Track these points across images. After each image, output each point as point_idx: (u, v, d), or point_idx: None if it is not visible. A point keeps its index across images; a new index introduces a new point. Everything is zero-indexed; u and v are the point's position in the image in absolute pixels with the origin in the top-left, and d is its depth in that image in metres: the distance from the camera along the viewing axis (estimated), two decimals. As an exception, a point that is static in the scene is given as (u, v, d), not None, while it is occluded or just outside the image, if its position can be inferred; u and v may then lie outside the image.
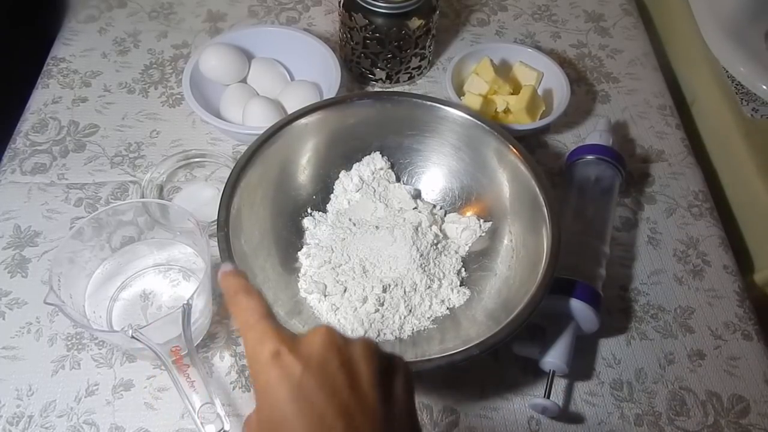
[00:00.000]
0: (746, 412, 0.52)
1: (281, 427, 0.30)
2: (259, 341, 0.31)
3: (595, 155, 0.61)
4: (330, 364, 0.30)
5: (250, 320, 0.32)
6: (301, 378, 0.30)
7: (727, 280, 0.59)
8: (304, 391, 0.30)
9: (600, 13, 0.82)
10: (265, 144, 0.53)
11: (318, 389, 0.30)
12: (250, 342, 0.31)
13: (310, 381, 0.30)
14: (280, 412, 0.30)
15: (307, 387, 0.30)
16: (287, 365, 0.30)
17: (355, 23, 0.66)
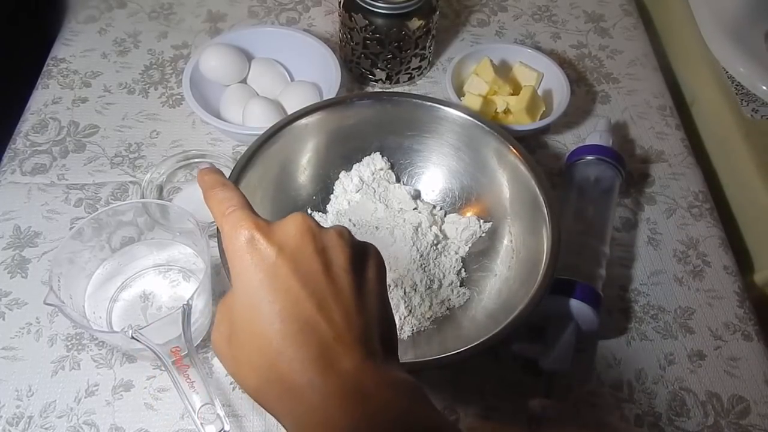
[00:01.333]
0: (746, 412, 0.52)
1: (255, 311, 0.30)
2: (234, 228, 0.31)
3: (595, 156, 0.61)
4: (304, 250, 0.31)
5: (226, 210, 0.33)
6: (275, 263, 0.30)
7: (727, 281, 0.59)
8: (279, 275, 0.30)
9: (600, 13, 0.82)
10: (265, 144, 0.53)
11: (292, 274, 0.30)
12: (226, 230, 0.32)
13: (285, 266, 0.30)
14: (254, 296, 0.30)
15: (282, 272, 0.30)
16: (262, 251, 0.30)
17: (355, 24, 0.66)
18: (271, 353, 0.30)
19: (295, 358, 0.29)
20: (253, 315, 0.30)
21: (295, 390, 0.29)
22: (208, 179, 0.36)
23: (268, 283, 0.30)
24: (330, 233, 0.32)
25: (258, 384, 0.30)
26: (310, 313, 0.30)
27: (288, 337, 0.29)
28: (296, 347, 0.29)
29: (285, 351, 0.29)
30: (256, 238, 0.31)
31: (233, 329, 0.31)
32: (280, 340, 0.29)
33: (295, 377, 0.29)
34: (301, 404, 0.29)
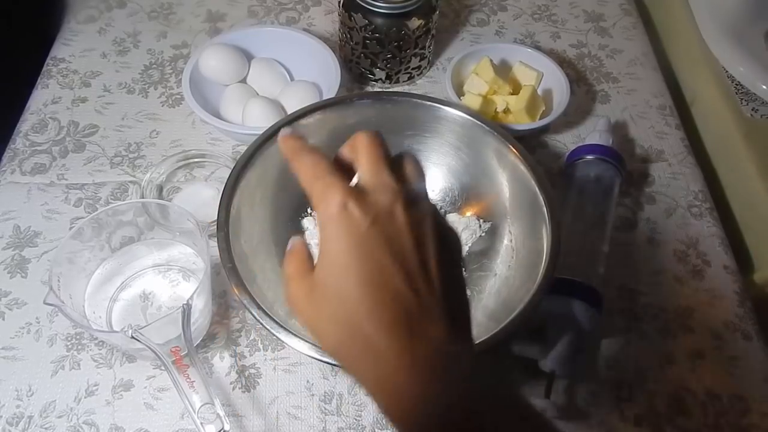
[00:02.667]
0: (746, 412, 0.52)
1: (344, 273, 0.31)
2: (325, 193, 0.31)
3: (595, 155, 0.61)
4: (396, 223, 0.31)
5: (317, 173, 0.32)
6: (368, 232, 0.31)
7: (727, 280, 0.59)
8: (370, 245, 0.31)
9: (600, 13, 0.82)
10: (265, 144, 0.53)
11: (383, 245, 0.31)
12: (317, 194, 0.32)
13: (377, 237, 0.31)
14: (344, 260, 0.31)
15: (374, 242, 0.31)
16: (355, 217, 0.31)
17: (354, 23, 0.66)
18: (358, 313, 0.30)
19: (382, 322, 0.30)
20: (341, 277, 0.31)
21: (379, 352, 0.30)
22: (292, 144, 0.35)
23: (359, 250, 0.31)
24: (422, 208, 0.33)
25: (340, 340, 0.31)
26: (399, 284, 0.31)
27: (376, 302, 0.30)
28: (384, 311, 0.30)
29: (373, 314, 0.30)
30: (350, 206, 0.31)
31: (315, 285, 0.32)
32: (368, 303, 0.30)
33: (381, 340, 0.30)
34: (383, 366, 0.30)
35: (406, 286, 0.31)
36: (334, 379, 0.52)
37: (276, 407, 0.51)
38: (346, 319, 0.31)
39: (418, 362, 0.30)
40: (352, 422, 0.51)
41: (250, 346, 0.54)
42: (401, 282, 0.31)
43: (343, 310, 0.31)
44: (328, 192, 0.31)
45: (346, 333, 0.31)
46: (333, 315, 0.31)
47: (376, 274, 0.31)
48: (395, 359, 0.30)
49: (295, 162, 0.34)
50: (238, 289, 0.46)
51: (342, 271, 0.31)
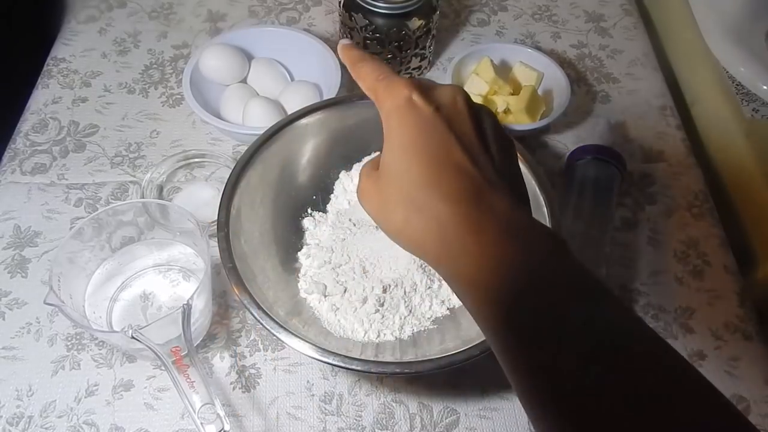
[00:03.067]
0: (747, 412, 0.52)
1: (410, 156, 0.32)
2: (390, 88, 0.33)
3: (596, 155, 0.61)
4: (460, 111, 0.33)
5: (380, 76, 0.34)
6: (433, 117, 0.32)
7: (728, 281, 0.59)
8: (436, 128, 0.32)
9: (600, 13, 0.82)
10: (265, 144, 0.53)
11: (447, 128, 0.32)
12: (382, 93, 0.34)
13: (441, 122, 0.32)
14: (405, 143, 0.32)
15: (438, 126, 0.32)
16: (420, 107, 0.32)
17: (355, 23, 0.66)
18: (423, 185, 0.32)
19: (448, 191, 0.31)
20: (405, 157, 0.32)
21: (446, 219, 0.31)
22: (353, 53, 0.37)
23: (426, 136, 0.32)
24: (481, 106, 0.35)
25: (405, 215, 0.32)
26: (463, 160, 0.32)
27: (442, 176, 0.31)
28: (450, 182, 0.31)
29: (439, 185, 0.31)
30: (415, 97, 0.32)
31: (382, 174, 0.33)
32: (435, 176, 0.31)
33: (446, 209, 0.31)
34: (451, 233, 0.31)
35: (469, 161, 0.32)
36: (335, 380, 0.53)
37: (276, 407, 0.51)
38: (411, 196, 0.32)
39: (491, 229, 0.30)
40: (353, 422, 0.51)
41: (251, 346, 0.54)
42: (464, 158, 0.32)
43: (408, 188, 0.32)
44: (393, 87, 0.33)
45: (413, 205, 0.32)
46: (399, 192, 0.32)
47: (442, 152, 0.32)
48: (462, 227, 0.31)
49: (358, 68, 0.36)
50: (239, 289, 0.46)
51: (405, 153, 0.32)
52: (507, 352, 0.30)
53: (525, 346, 0.29)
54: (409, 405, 0.52)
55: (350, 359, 0.44)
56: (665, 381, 0.27)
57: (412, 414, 0.51)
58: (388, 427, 0.50)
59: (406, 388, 0.52)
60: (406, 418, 0.51)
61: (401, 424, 0.51)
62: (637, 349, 0.28)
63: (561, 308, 0.29)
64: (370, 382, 0.52)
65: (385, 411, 0.51)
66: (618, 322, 0.29)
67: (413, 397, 0.52)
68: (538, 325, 0.29)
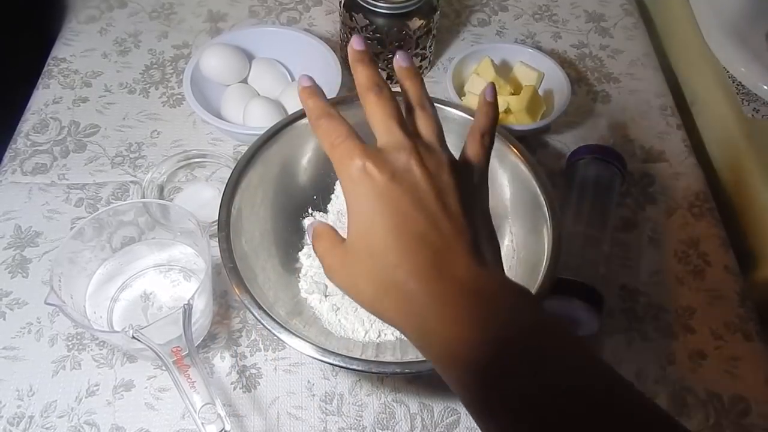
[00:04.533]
0: (747, 412, 0.52)
1: (370, 230, 0.33)
2: (346, 158, 0.33)
3: (596, 155, 0.61)
4: (414, 174, 0.33)
5: (335, 141, 0.34)
6: (388, 186, 0.33)
7: (728, 281, 0.59)
8: (392, 198, 0.33)
9: (600, 13, 0.82)
10: (266, 144, 0.53)
11: (403, 195, 0.33)
12: (338, 160, 0.34)
13: (396, 189, 0.33)
14: (369, 217, 0.33)
15: (394, 194, 0.33)
16: (375, 177, 0.33)
17: (355, 23, 0.66)
18: (387, 265, 0.32)
19: (411, 267, 0.32)
20: (368, 234, 0.33)
21: (412, 297, 0.32)
22: (312, 106, 0.36)
23: (382, 205, 0.33)
24: (438, 158, 0.35)
25: (375, 294, 0.33)
26: (422, 227, 0.32)
27: (402, 250, 0.32)
28: (411, 257, 0.32)
29: (401, 262, 0.32)
30: (368, 167, 0.33)
31: (347, 249, 0.34)
32: (396, 252, 0.32)
33: (412, 285, 0.32)
34: (419, 310, 0.32)
35: (429, 228, 0.32)
36: (335, 380, 0.53)
37: (277, 407, 0.51)
38: (378, 273, 0.33)
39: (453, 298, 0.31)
40: (353, 422, 0.51)
41: (251, 346, 0.54)
42: (425, 226, 0.32)
43: (374, 264, 0.33)
44: (347, 157, 0.33)
45: (381, 286, 0.33)
46: (366, 271, 0.33)
47: (401, 222, 0.32)
48: (430, 300, 0.31)
49: (315, 127, 0.36)
50: (239, 289, 0.46)
51: (368, 228, 0.33)
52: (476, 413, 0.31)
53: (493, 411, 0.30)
54: (409, 405, 0.52)
55: (351, 359, 0.43)
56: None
57: (412, 414, 0.51)
58: (389, 427, 0.50)
59: (406, 387, 0.52)
60: (406, 418, 0.51)
61: (402, 424, 0.51)
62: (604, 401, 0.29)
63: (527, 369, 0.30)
64: (371, 382, 0.52)
65: (386, 411, 0.51)
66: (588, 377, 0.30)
67: (414, 397, 0.52)
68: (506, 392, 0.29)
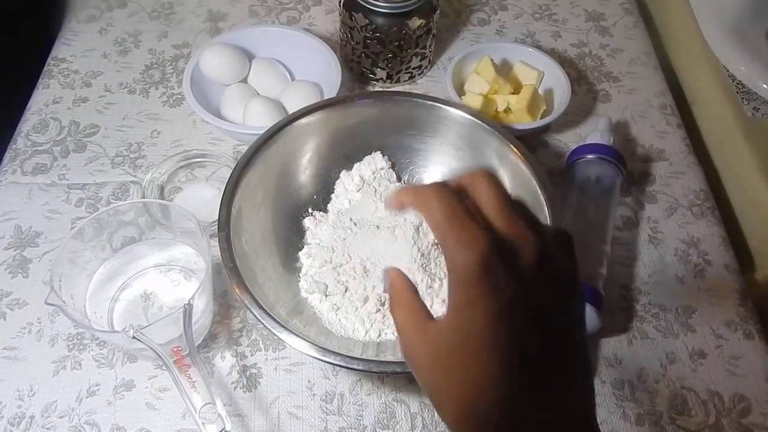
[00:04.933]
0: (748, 411, 0.52)
1: (478, 350, 0.28)
2: (466, 239, 0.28)
3: (596, 155, 0.61)
4: (542, 289, 0.28)
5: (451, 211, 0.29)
6: (512, 301, 0.27)
7: (729, 279, 0.59)
8: (514, 316, 0.27)
9: (600, 12, 0.82)
10: (266, 144, 0.53)
11: (525, 317, 0.28)
12: (453, 237, 0.28)
13: (521, 305, 0.27)
14: (479, 332, 0.27)
15: (517, 312, 0.27)
16: (500, 279, 0.27)
17: (355, 23, 0.66)
18: (487, 398, 0.28)
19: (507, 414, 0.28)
20: (478, 351, 0.28)
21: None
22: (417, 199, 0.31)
23: (502, 327, 0.27)
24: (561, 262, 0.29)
25: (461, 417, 0.28)
26: (540, 373, 0.28)
27: (507, 391, 0.28)
28: (516, 388, 0.28)
29: (501, 402, 0.27)
30: (494, 264, 0.27)
31: (442, 347, 0.29)
32: (501, 389, 0.28)
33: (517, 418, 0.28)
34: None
35: (548, 374, 0.28)
36: (336, 379, 0.53)
37: (277, 407, 0.51)
38: (471, 400, 0.28)
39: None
40: (354, 422, 0.51)
41: (252, 345, 0.54)
42: (544, 370, 0.28)
43: (472, 389, 0.28)
44: (470, 238, 0.27)
45: (470, 413, 0.28)
46: (459, 390, 0.28)
47: (519, 356, 0.27)
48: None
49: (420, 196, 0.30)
50: (240, 288, 0.46)
51: (479, 346, 0.28)
52: None
53: None
54: (410, 404, 0.52)
55: (351, 359, 0.44)
56: None
57: (413, 413, 0.51)
58: (390, 426, 0.50)
59: (407, 387, 0.52)
60: (407, 418, 0.51)
61: (402, 424, 0.51)
62: None
63: None
64: (372, 382, 0.52)
65: (387, 410, 0.51)
66: None
67: (414, 397, 0.52)
68: None
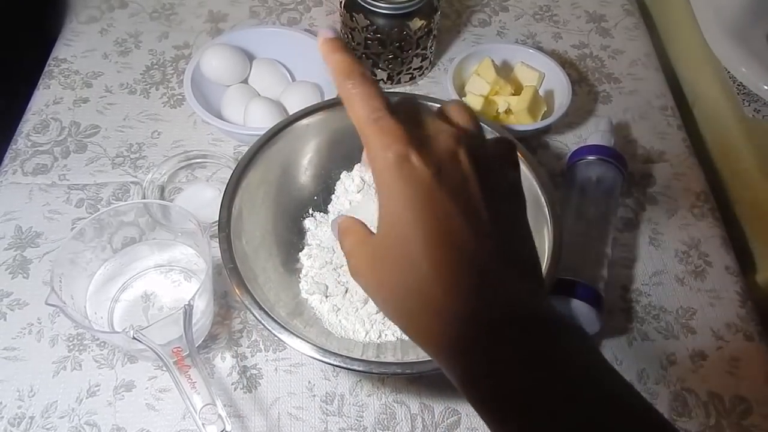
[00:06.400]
0: (748, 413, 0.52)
1: (407, 234, 0.28)
2: (385, 139, 0.29)
3: (597, 156, 0.61)
4: (463, 171, 0.29)
5: (370, 115, 0.29)
6: (432, 182, 0.28)
7: (729, 281, 0.59)
8: (434, 196, 0.28)
9: (601, 13, 0.82)
10: (267, 145, 0.53)
11: (449, 198, 0.28)
12: (373, 139, 0.29)
13: (441, 187, 0.28)
14: (405, 217, 0.28)
15: (438, 195, 0.28)
16: (417, 168, 0.28)
17: (356, 24, 0.66)
18: (427, 278, 0.28)
19: (452, 287, 0.28)
20: (407, 237, 0.28)
21: (449, 320, 0.28)
22: (339, 61, 0.31)
23: (425, 206, 0.28)
24: (491, 149, 0.31)
25: (409, 308, 0.29)
26: (469, 242, 0.28)
27: (445, 262, 0.28)
28: (455, 272, 0.28)
29: (442, 277, 0.28)
30: (412, 157, 0.28)
31: (377, 249, 0.30)
32: (438, 263, 0.28)
33: (456, 307, 0.28)
34: (458, 333, 0.28)
35: (477, 244, 0.28)
36: (336, 380, 0.52)
37: (277, 408, 0.51)
38: (414, 286, 0.28)
39: (493, 329, 0.27)
40: (354, 423, 0.51)
41: (252, 346, 0.54)
42: (471, 240, 0.28)
43: (411, 276, 0.28)
44: (387, 138, 0.28)
45: (415, 301, 0.28)
46: (400, 282, 0.29)
47: (444, 233, 0.28)
48: (474, 326, 0.27)
49: (343, 92, 0.30)
50: (240, 289, 0.46)
51: (407, 230, 0.28)
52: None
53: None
54: (410, 405, 0.52)
55: (351, 360, 0.44)
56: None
57: (413, 414, 0.51)
58: (390, 427, 0.50)
59: (407, 388, 0.52)
60: (407, 419, 0.51)
61: (402, 425, 0.51)
62: None
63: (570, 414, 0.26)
64: (372, 383, 0.52)
65: (387, 411, 0.51)
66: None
67: (415, 398, 0.52)
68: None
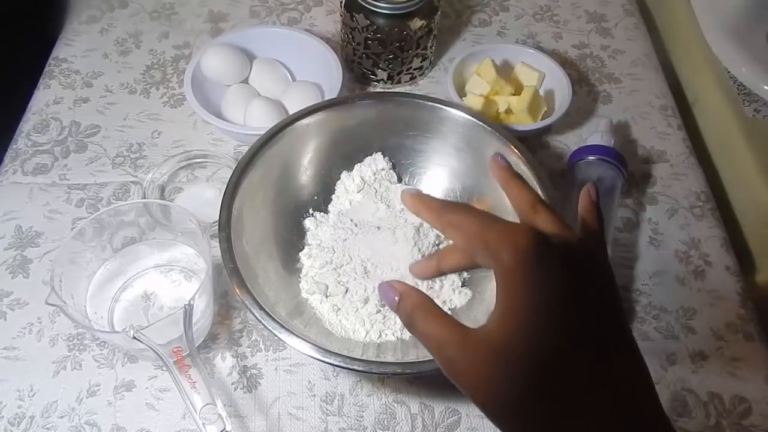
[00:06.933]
0: (748, 413, 0.52)
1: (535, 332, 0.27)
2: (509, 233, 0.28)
3: (597, 156, 0.61)
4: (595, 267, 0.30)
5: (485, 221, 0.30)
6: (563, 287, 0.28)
7: (729, 281, 0.59)
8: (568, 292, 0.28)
9: (602, 13, 0.82)
10: (267, 145, 0.53)
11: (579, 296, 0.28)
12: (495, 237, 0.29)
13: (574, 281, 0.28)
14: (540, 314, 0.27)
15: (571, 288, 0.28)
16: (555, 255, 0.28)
17: (356, 24, 0.66)
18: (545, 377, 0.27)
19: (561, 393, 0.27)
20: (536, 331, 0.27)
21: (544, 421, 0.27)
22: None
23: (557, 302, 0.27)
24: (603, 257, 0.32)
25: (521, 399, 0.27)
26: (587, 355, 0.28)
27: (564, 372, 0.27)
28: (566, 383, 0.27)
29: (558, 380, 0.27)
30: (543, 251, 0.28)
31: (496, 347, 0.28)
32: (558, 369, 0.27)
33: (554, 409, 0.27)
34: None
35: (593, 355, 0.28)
36: (336, 380, 0.53)
37: (278, 408, 0.51)
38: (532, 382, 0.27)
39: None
40: (354, 423, 0.51)
41: (252, 346, 0.54)
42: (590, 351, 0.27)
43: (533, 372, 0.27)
44: (512, 233, 0.28)
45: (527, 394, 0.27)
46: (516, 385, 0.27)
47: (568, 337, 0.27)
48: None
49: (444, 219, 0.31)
50: (240, 289, 0.46)
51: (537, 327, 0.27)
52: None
53: None
54: (410, 405, 0.52)
55: (352, 359, 0.44)
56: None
57: (413, 414, 0.51)
58: (390, 427, 0.50)
59: (407, 388, 0.52)
60: (407, 419, 0.51)
61: (403, 425, 0.51)
62: None
63: None
64: (372, 383, 0.52)
65: (387, 411, 0.51)
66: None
67: (415, 398, 0.52)
68: None
